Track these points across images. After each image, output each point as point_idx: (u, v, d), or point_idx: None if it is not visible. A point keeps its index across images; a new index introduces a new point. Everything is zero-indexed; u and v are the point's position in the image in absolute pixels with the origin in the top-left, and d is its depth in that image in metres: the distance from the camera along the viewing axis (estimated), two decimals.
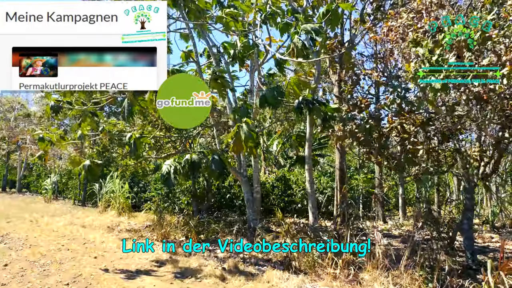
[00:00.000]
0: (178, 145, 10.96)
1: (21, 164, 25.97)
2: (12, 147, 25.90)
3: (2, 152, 27.10)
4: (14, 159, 27.36)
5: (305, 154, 8.11)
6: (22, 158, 25.81)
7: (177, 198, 12.66)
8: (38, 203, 18.74)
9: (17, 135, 24.41)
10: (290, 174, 12.84)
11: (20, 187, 25.90)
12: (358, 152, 12.16)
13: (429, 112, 6.84)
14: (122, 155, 12.22)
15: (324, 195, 12.18)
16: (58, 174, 20.93)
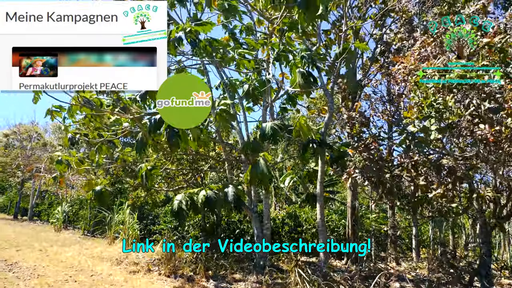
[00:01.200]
0: (189, 178, 11.00)
1: (34, 192, 26.21)
2: (26, 175, 26.25)
3: (17, 180, 27.45)
4: (28, 187, 27.66)
5: (317, 191, 8.05)
6: (36, 186, 26.08)
7: (186, 232, 12.56)
8: (48, 232, 18.76)
9: (33, 164, 24.78)
10: (301, 211, 12.70)
11: (32, 215, 26.02)
12: (369, 191, 12.02)
13: (441, 152, 6.80)
14: (133, 186, 12.28)
15: (335, 233, 11.97)
16: (69, 204, 21.03)
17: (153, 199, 13.16)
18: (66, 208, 20.71)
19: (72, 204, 20.99)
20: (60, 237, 16.74)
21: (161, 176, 10.16)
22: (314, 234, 11.72)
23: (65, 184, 22.07)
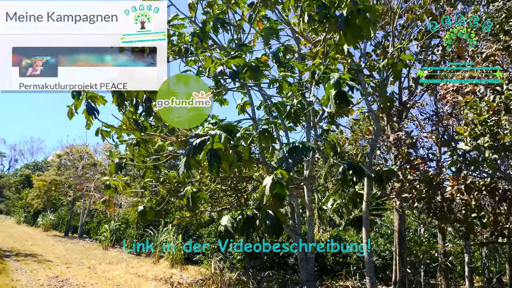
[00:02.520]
0: (233, 199, 11.09)
1: (84, 210, 27.32)
2: (77, 194, 27.47)
3: (69, 199, 28.77)
4: (78, 206, 28.88)
5: (363, 214, 7.85)
6: (86, 205, 27.19)
7: (230, 253, 12.59)
8: (97, 249, 19.41)
9: (83, 183, 25.93)
10: (345, 234, 12.40)
11: (81, 233, 27.06)
12: (418, 214, 11.56)
13: (495, 175, 6.47)
14: (179, 207, 12.52)
15: (382, 258, 11.56)
16: (117, 222, 21.72)
17: (198, 219, 13.34)
18: (114, 226, 21.41)
19: (119, 223, 21.67)
20: (108, 255, 17.26)
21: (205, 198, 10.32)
22: (359, 258, 11.38)
23: (113, 204, 22.86)
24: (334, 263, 11.69)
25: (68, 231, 28.77)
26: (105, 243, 20.44)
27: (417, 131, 8.76)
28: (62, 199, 31.45)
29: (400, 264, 9.73)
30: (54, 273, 10.95)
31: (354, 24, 4.81)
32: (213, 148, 4.97)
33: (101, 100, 5.45)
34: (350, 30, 4.89)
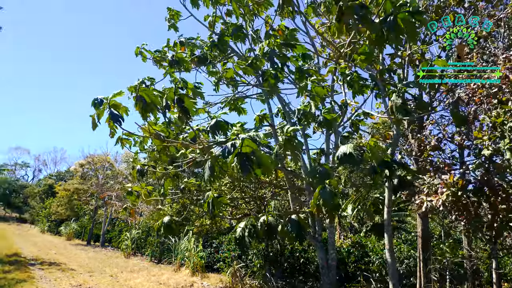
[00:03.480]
0: (252, 206, 11.06)
1: (106, 219, 27.69)
2: (99, 203, 27.88)
3: (91, 208, 29.23)
4: (100, 214, 29.30)
5: (384, 220, 7.71)
6: (107, 213, 27.56)
7: (250, 260, 12.53)
8: (119, 258, 19.62)
9: (105, 192, 26.31)
10: (367, 240, 12.20)
11: (103, 241, 27.41)
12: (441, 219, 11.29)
13: None
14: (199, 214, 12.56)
15: (405, 265, 11.31)
16: (139, 230, 21.92)
17: (218, 227, 13.35)
18: (135, 235, 21.63)
19: (140, 231, 21.87)
20: (130, 263, 17.42)
21: (225, 204, 10.31)
22: (381, 264, 11.17)
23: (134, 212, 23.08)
24: (356, 270, 11.50)
25: (90, 240, 29.20)
26: (126, 251, 20.65)
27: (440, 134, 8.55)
28: (84, 208, 31.99)
29: (425, 271, 9.50)
30: (78, 282, 11.09)
31: (398, 25, 4.72)
32: (243, 152, 4.94)
33: (123, 110, 5.48)
34: (395, 32, 4.78)
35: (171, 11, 8.65)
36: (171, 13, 8.65)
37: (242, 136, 4.91)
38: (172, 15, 8.65)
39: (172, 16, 8.67)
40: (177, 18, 8.70)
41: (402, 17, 4.60)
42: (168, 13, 8.67)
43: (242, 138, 4.87)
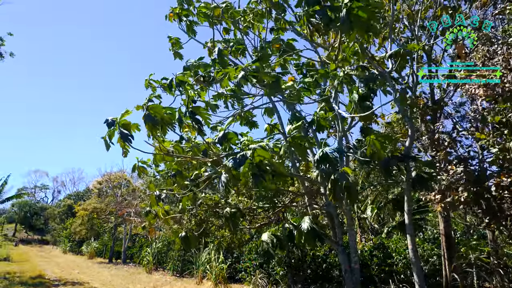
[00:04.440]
0: (271, 214, 11.03)
1: (126, 236, 27.88)
2: (118, 220, 28.11)
3: (110, 225, 29.50)
4: (120, 231, 29.53)
5: (405, 219, 7.60)
6: (127, 230, 27.76)
7: (272, 269, 12.47)
8: (141, 274, 19.71)
9: (124, 209, 26.53)
10: (389, 241, 12.04)
11: (125, 258, 27.59)
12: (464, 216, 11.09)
13: None
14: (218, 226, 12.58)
15: (430, 263, 11.12)
16: (159, 245, 22.01)
17: (238, 238, 13.35)
18: (155, 249, 21.72)
19: (160, 245, 21.96)
20: (152, 278, 17.48)
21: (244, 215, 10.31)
22: (405, 265, 11.00)
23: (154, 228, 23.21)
24: (380, 272, 11.35)
25: (112, 257, 29.41)
26: (148, 267, 20.73)
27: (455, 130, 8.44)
28: (104, 226, 32.29)
29: (450, 269, 9.33)
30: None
31: (356, 15, 4.72)
32: (255, 163, 4.96)
33: (134, 127, 5.57)
34: (355, 22, 4.78)
35: (171, 39, 8.79)
36: (172, 41, 8.79)
37: (252, 146, 4.92)
38: (173, 43, 8.79)
39: (173, 45, 8.81)
40: (178, 45, 8.82)
41: (355, 7, 4.64)
42: (169, 41, 8.82)
43: (254, 148, 4.89)
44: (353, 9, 4.66)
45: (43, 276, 17.72)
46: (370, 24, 4.77)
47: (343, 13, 4.73)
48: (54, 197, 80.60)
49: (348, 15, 4.71)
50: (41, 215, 63.87)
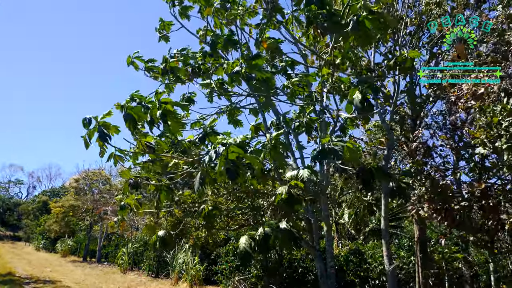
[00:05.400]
0: (249, 216, 11.02)
1: (102, 234, 27.43)
2: (95, 218, 27.63)
3: (86, 223, 28.97)
4: (96, 230, 29.02)
5: (381, 226, 7.71)
6: (103, 229, 27.31)
7: (248, 272, 12.45)
8: (115, 273, 19.41)
9: (101, 207, 26.10)
10: (365, 247, 12.18)
11: (100, 257, 27.13)
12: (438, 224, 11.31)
13: None
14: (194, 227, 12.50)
15: (404, 270, 11.29)
16: (135, 244, 21.71)
17: (214, 238, 13.29)
18: (131, 249, 21.42)
19: (137, 245, 21.67)
20: (127, 278, 17.24)
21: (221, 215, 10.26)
22: (381, 271, 11.14)
23: (130, 226, 22.93)
24: (355, 277, 11.46)
25: (86, 256, 28.88)
26: (123, 266, 20.43)
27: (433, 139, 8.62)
28: (80, 224, 31.69)
29: (424, 276, 9.50)
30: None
31: (365, 26, 4.80)
32: (229, 159, 4.94)
33: (114, 129, 5.53)
34: (361, 34, 4.87)
35: (163, 21, 8.62)
36: (163, 24, 8.62)
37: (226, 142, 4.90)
38: (163, 25, 8.61)
39: (163, 27, 8.63)
40: (169, 29, 8.65)
41: (363, 17, 4.72)
42: (160, 24, 8.64)
43: (227, 144, 4.86)
44: (364, 19, 4.73)
45: (14, 273, 17.26)
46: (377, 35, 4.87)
47: (353, 21, 4.79)
48: (29, 193, 78.63)
49: (357, 23, 4.77)
50: (15, 210, 62.28)
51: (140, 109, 5.45)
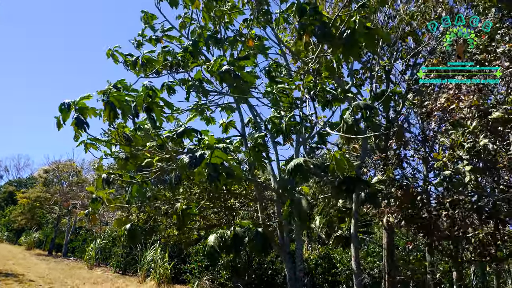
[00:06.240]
0: (221, 216, 10.99)
1: (69, 228, 26.77)
2: (63, 212, 26.93)
3: (54, 216, 28.19)
4: (64, 223, 28.29)
5: (351, 232, 7.83)
6: (71, 222, 26.66)
7: (218, 272, 12.40)
8: (82, 269, 18.98)
9: (70, 200, 25.46)
10: (334, 252, 12.34)
11: (66, 251, 26.46)
12: (406, 232, 11.57)
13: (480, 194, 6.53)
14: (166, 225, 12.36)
15: (371, 276, 11.50)
16: (103, 240, 21.27)
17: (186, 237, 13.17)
18: (99, 244, 20.98)
19: (105, 241, 21.24)
20: (93, 274, 16.89)
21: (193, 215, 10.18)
22: (348, 276, 11.31)
23: (99, 221, 22.46)
24: (324, 281, 11.59)
25: (52, 250, 28.11)
26: (90, 262, 19.98)
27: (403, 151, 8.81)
28: (47, 217, 30.82)
29: (390, 282, 9.69)
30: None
31: (357, 41, 4.88)
32: (212, 163, 4.93)
33: (92, 112, 5.34)
34: (354, 46, 4.94)
35: (146, 13, 8.52)
36: (146, 16, 8.52)
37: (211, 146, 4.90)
38: (146, 17, 8.52)
39: (147, 19, 8.54)
40: (151, 22, 8.57)
41: (359, 31, 4.79)
42: (143, 16, 8.54)
43: (212, 149, 4.87)
44: (358, 32, 4.79)
45: None
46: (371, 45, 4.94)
47: (347, 34, 4.85)
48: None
49: (351, 36, 4.83)
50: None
51: (124, 97, 5.31)
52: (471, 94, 5.83)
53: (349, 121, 5.71)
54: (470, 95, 5.84)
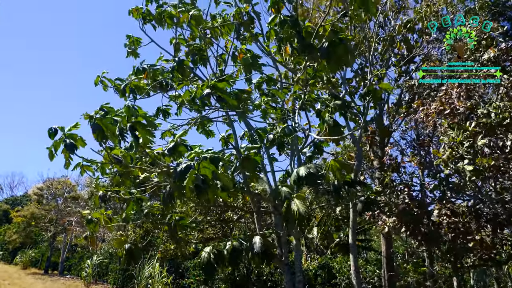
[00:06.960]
0: (218, 229, 10.90)
1: (65, 246, 26.42)
2: (58, 229, 26.60)
3: (49, 234, 27.82)
4: (59, 241, 27.93)
5: (349, 240, 7.77)
6: (67, 240, 26.32)
7: (217, 286, 12.25)
8: (78, 287, 18.70)
9: (65, 217, 25.16)
10: (333, 262, 12.24)
11: (62, 270, 26.08)
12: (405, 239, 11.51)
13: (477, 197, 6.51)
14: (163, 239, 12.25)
15: (371, 285, 11.40)
16: (100, 257, 21.00)
17: (183, 251, 13.04)
18: (96, 261, 20.70)
19: (102, 258, 20.96)
20: None
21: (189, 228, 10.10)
22: (348, 285, 11.20)
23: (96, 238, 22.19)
24: None
25: (48, 268, 27.68)
26: (87, 279, 19.68)
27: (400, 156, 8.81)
28: (42, 235, 30.43)
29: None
30: None
31: (334, 53, 4.92)
32: (200, 174, 4.89)
33: (80, 142, 5.41)
34: (331, 59, 4.99)
35: (131, 38, 8.50)
36: (131, 40, 8.50)
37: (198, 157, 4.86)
38: (131, 42, 8.50)
39: (131, 43, 8.51)
40: (137, 45, 8.56)
41: (333, 44, 4.86)
42: (128, 40, 8.51)
43: (199, 160, 4.83)
44: (335, 43, 4.85)
45: None
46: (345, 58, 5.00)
47: (324, 45, 4.90)
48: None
49: (328, 48, 4.89)
50: None
51: (109, 121, 5.36)
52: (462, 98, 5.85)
53: (330, 122, 5.70)
54: (461, 101, 5.86)
